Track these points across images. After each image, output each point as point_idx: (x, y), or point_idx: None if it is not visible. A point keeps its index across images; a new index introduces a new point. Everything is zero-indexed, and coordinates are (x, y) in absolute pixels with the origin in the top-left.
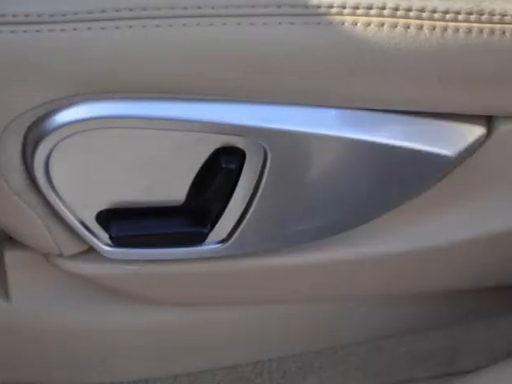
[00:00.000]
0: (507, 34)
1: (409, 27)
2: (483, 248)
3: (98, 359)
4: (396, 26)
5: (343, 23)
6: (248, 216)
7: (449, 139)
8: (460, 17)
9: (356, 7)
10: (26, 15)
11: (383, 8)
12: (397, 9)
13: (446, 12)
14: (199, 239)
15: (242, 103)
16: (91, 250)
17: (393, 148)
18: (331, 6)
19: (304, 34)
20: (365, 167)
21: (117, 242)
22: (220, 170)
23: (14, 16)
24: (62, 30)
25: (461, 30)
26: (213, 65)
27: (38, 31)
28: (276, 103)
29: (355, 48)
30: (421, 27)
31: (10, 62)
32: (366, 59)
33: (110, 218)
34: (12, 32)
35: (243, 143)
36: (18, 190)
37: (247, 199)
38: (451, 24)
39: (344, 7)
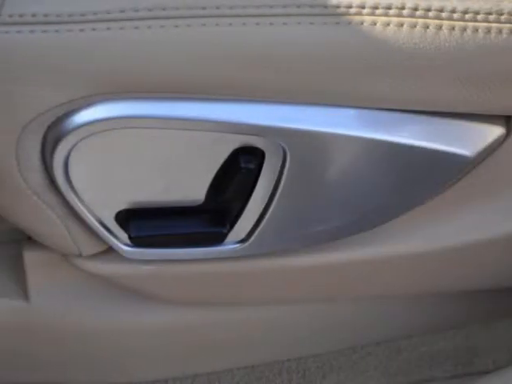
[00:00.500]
0: None
1: (428, 27)
2: (502, 248)
3: (116, 359)
4: (415, 26)
5: (362, 23)
6: (267, 216)
7: (468, 139)
8: (479, 17)
9: (375, 7)
10: (45, 15)
11: (402, 8)
12: (416, 9)
13: (465, 12)
14: (218, 239)
15: (262, 103)
16: (110, 250)
17: (411, 148)
18: (350, 6)
19: (323, 33)
20: (383, 167)
21: (136, 241)
22: (239, 170)
23: (33, 16)
24: (81, 30)
25: (480, 30)
26: (232, 65)
27: (56, 31)
28: (295, 103)
29: (374, 48)
30: (440, 27)
31: (29, 62)
32: (384, 59)
33: (129, 218)
34: (31, 32)
35: (262, 143)
36: (37, 189)
37: (266, 199)
38: (470, 24)
39: (363, 7)
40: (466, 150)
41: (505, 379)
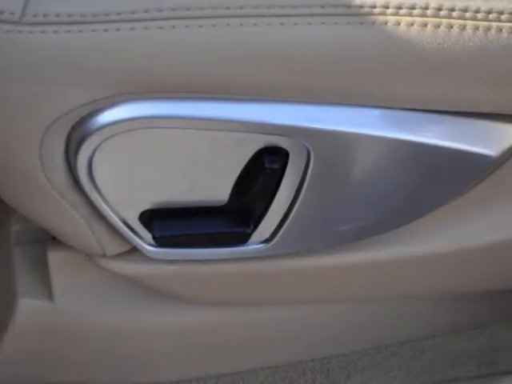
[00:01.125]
0: None
1: (452, 27)
2: None
3: (140, 359)
4: (439, 26)
5: (386, 23)
6: (291, 216)
7: (491, 139)
8: (503, 17)
9: (399, 7)
10: (69, 15)
11: (426, 8)
12: (440, 9)
13: (489, 12)
14: (242, 239)
15: (286, 103)
16: (134, 250)
17: (435, 148)
18: (374, 6)
19: (347, 33)
20: (407, 167)
21: (160, 242)
22: (263, 170)
23: (57, 16)
24: (105, 30)
25: (504, 30)
26: (256, 65)
27: (80, 31)
28: (319, 103)
29: (398, 48)
30: (464, 27)
31: (52, 62)
32: (408, 59)
33: (153, 218)
34: (55, 32)
35: (287, 143)
36: (61, 190)
37: (290, 199)
38: (494, 24)
39: (387, 7)
40: (489, 150)
41: None
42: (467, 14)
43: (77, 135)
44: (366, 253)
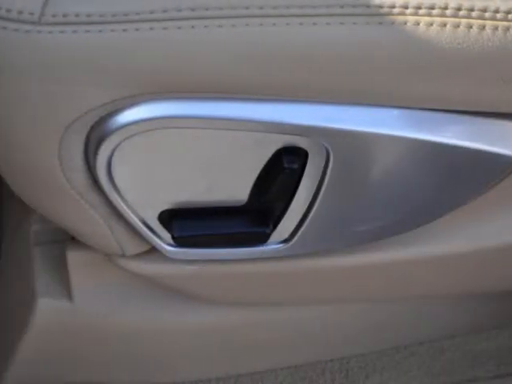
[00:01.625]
0: None
1: (471, 27)
2: None
3: (159, 359)
4: (458, 26)
5: (405, 23)
6: (310, 216)
7: (510, 139)
8: None
9: (418, 7)
10: (89, 15)
11: (445, 8)
12: (459, 9)
13: (509, 12)
14: (261, 239)
15: (305, 103)
16: (153, 250)
17: (454, 148)
18: (393, 6)
19: (366, 33)
20: (427, 167)
21: (179, 241)
22: (282, 170)
23: (77, 16)
24: (124, 30)
25: None
26: (275, 65)
27: (100, 31)
28: (338, 103)
29: (417, 48)
30: (483, 27)
31: (72, 62)
32: (428, 59)
33: (172, 217)
34: (74, 32)
35: (306, 143)
36: (80, 189)
37: (310, 199)
38: None
39: (406, 7)
40: (508, 150)
41: None
42: (486, 14)
43: (96, 135)
44: (385, 253)
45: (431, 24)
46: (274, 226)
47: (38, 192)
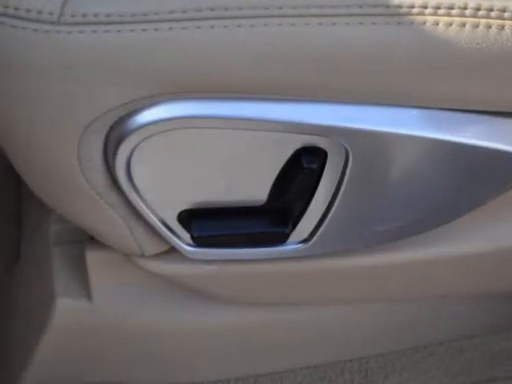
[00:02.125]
0: None
1: (490, 27)
2: None
3: (178, 359)
4: (477, 26)
5: (424, 23)
6: (329, 216)
7: None
8: None
9: (437, 7)
10: (108, 15)
11: (465, 8)
12: (478, 9)
13: None
14: (281, 239)
15: (324, 103)
16: (172, 250)
17: (473, 148)
18: (412, 6)
19: (385, 33)
20: (445, 167)
21: (198, 241)
22: (302, 170)
23: (96, 16)
24: (144, 30)
25: None
26: (295, 65)
27: (119, 31)
28: (357, 103)
29: (436, 48)
30: (502, 27)
31: (91, 62)
32: (447, 59)
33: (191, 218)
34: (93, 32)
35: (325, 143)
36: (99, 190)
37: (329, 199)
38: None
39: (425, 7)
40: None
41: None
42: (506, 14)
43: (115, 135)
44: (404, 253)
45: (450, 24)
46: (293, 226)
47: (57, 192)
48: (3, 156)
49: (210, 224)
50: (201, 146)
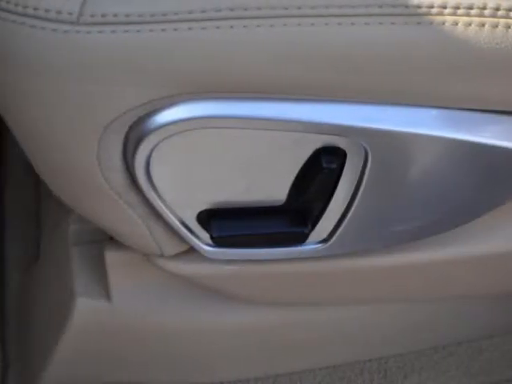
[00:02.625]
0: None
1: (510, 27)
2: None
3: (197, 359)
4: (497, 26)
5: (444, 23)
6: (349, 216)
7: None
8: None
9: (457, 7)
10: (127, 15)
11: (484, 8)
12: (498, 9)
13: None
14: (300, 239)
15: (343, 103)
16: (191, 250)
17: (493, 148)
18: (432, 6)
19: (405, 33)
20: (465, 167)
21: (217, 242)
22: (321, 170)
23: (115, 16)
24: (163, 30)
25: None
26: (314, 65)
27: (138, 31)
28: (377, 103)
29: (456, 48)
30: None
31: (110, 62)
32: (466, 59)
33: (210, 218)
34: (113, 32)
35: (344, 143)
36: (118, 189)
37: (348, 199)
38: None
39: (445, 7)
40: None
41: None
42: None
43: (134, 135)
44: (424, 253)
45: (469, 24)
46: (313, 226)
47: (77, 192)
48: (22, 155)
49: (230, 224)
50: (220, 146)
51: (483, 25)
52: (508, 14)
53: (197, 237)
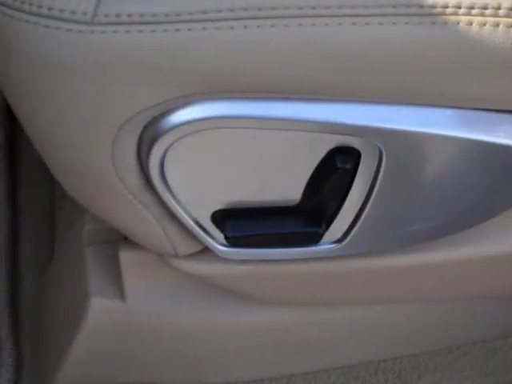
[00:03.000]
0: None
1: None
2: None
3: (212, 359)
4: (511, 26)
5: (458, 23)
6: (363, 216)
7: None
8: None
9: (471, 7)
10: (141, 15)
11: (498, 8)
12: None
13: None
14: (314, 239)
15: (357, 103)
16: (206, 250)
17: (507, 148)
18: (446, 6)
19: (419, 34)
20: (479, 167)
21: (232, 242)
22: (335, 170)
23: (129, 16)
24: (177, 30)
25: None
26: (328, 65)
27: (152, 31)
28: (391, 103)
29: (470, 48)
30: None
31: (125, 62)
32: (480, 59)
33: (224, 218)
34: (127, 32)
35: (359, 143)
36: (133, 189)
37: (362, 199)
38: None
39: (459, 7)
40: None
41: None
42: None
43: (149, 135)
44: (438, 253)
45: (484, 24)
46: (327, 226)
47: (91, 192)
48: (36, 156)
49: (244, 224)
50: (234, 146)
51: (498, 25)
52: None
53: (211, 237)
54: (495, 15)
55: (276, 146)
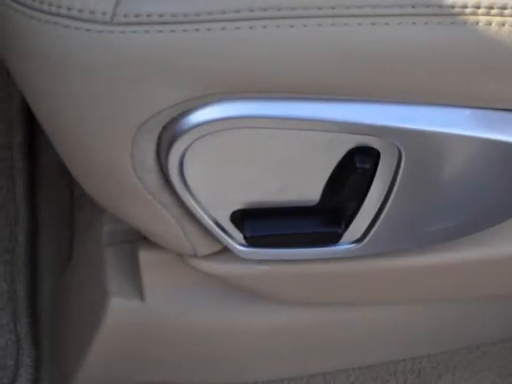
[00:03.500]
0: None
1: None
2: None
3: (231, 359)
4: None
5: (477, 23)
6: (382, 216)
7: None
8: None
9: (490, 7)
10: (161, 15)
11: None
12: None
13: None
14: (334, 239)
15: (377, 103)
16: (225, 250)
17: None
18: (465, 6)
19: (438, 33)
20: (498, 167)
21: (251, 242)
22: (354, 170)
23: (149, 16)
24: (196, 30)
25: None
26: (347, 65)
27: (172, 31)
28: (410, 103)
29: (489, 48)
30: None
31: (144, 62)
32: (499, 59)
33: (244, 218)
34: (146, 32)
35: (378, 143)
36: (152, 190)
37: (382, 199)
38: None
39: (478, 7)
40: None
41: None
42: None
43: (168, 135)
44: (457, 253)
45: (503, 24)
46: (346, 226)
47: (110, 192)
48: (56, 156)
49: (263, 224)
50: (254, 146)
51: None
52: None
53: (230, 237)
54: None
55: (295, 146)
